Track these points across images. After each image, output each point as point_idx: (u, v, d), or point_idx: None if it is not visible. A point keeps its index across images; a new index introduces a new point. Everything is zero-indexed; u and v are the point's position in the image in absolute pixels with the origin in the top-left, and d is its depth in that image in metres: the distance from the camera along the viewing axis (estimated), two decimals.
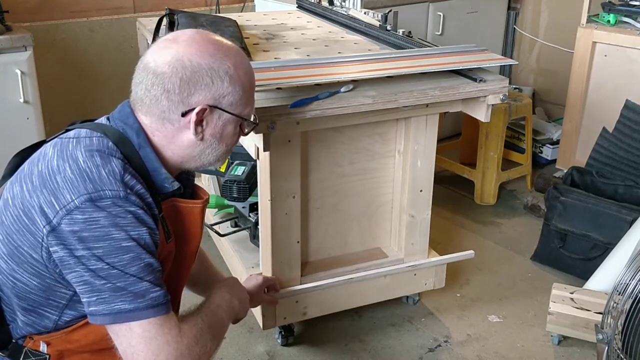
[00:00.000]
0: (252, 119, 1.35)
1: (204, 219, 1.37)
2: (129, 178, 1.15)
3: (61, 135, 1.24)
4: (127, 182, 1.14)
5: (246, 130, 1.33)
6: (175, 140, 1.24)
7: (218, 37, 1.27)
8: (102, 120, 1.28)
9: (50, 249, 1.12)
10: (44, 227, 1.12)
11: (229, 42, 1.28)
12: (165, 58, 1.20)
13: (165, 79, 1.19)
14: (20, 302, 1.22)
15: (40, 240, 1.13)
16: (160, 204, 1.23)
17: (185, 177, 1.36)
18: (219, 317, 1.31)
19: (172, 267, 1.30)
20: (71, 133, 1.23)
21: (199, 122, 1.23)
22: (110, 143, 1.19)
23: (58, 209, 1.11)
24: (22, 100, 2.79)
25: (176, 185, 1.26)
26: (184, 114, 1.21)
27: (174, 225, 1.28)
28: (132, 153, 1.21)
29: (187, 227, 1.31)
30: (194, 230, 1.33)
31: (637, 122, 2.90)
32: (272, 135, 1.79)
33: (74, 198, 1.10)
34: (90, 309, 1.12)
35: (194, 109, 1.21)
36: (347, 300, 2.21)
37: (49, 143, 1.23)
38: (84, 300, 1.13)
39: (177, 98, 1.20)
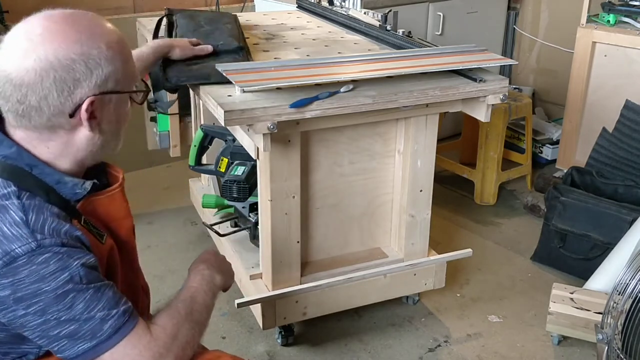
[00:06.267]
0: (139, 87, 1.24)
1: (126, 196, 1.29)
2: (34, 218, 1.06)
3: None
4: (34, 226, 1.05)
5: (140, 100, 1.23)
6: (72, 142, 1.15)
7: (74, 15, 1.14)
8: None
9: None
10: None
11: (87, 15, 1.15)
12: (26, 63, 1.07)
13: (37, 85, 1.07)
14: None
15: None
16: (78, 210, 1.16)
17: (93, 166, 1.27)
18: (199, 301, 1.28)
19: (121, 255, 1.27)
20: None
21: (91, 117, 1.13)
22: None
23: None
24: None
25: (88, 185, 1.18)
26: (72, 115, 1.11)
27: (102, 219, 1.23)
28: (26, 178, 1.11)
29: (115, 214, 1.26)
30: (122, 214, 1.27)
31: (637, 122, 2.89)
32: (272, 135, 1.79)
33: None
34: (59, 355, 1.11)
35: (81, 105, 1.11)
36: (347, 300, 2.21)
37: None
38: (49, 349, 1.11)
39: (57, 101, 1.09)
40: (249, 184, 2.23)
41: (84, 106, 1.11)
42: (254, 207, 2.33)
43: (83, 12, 1.15)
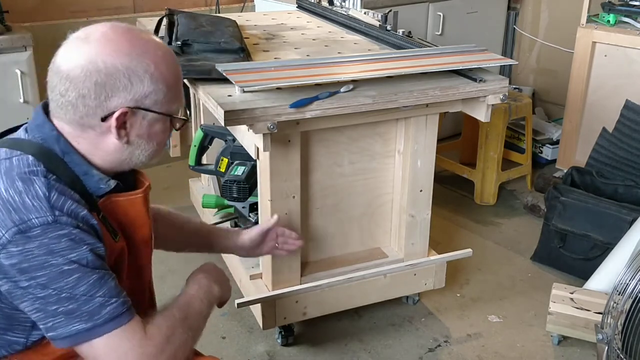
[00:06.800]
0: (180, 114, 1.28)
1: (149, 205, 1.31)
2: (57, 197, 1.10)
3: None
4: (55, 203, 1.09)
5: (177, 126, 1.28)
6: (101, 146, 1.20)
7: (136, 31, 1.19)
8: (21, 132, 1.22)
9: None
10: None
11: (148, 36, 1.21)
12: (77, 61, 1.14)
13: (79, 83, 1.13)
14: None
15: None
16: (98, 205, 1.19)
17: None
18: (194, 308, 1.29)
19: (130, 260, 1.28)
20: None
21: (121, 126, 1.17)
22: (31, 158, 1.13)
23: None
24: (22, 100, 2.79)
25: (112, 184, 1.21)
26: (103, 119, 1.16)
27: (119, 220, 1.25)
28: (57, 162, 1.16)
29: (133, 219, 1.27)
30: (140, 221, 1.28)
31: (637, 122, 2.90)
32: (272, 135, 1.79)
33: (3, 233, 1.07)
34: (49, 334, 1.11)
35: (113, 113, 1.15)
36: (347, 300, 2.21)
37: None
38: (41, 326, 1.12)
39: (93, 103, 1.14)
40: (249, 184, 2.23)
41: (116, 114, 1.16)
42: (254, 207, 2.33)
43: (147, 32, 1.23)
